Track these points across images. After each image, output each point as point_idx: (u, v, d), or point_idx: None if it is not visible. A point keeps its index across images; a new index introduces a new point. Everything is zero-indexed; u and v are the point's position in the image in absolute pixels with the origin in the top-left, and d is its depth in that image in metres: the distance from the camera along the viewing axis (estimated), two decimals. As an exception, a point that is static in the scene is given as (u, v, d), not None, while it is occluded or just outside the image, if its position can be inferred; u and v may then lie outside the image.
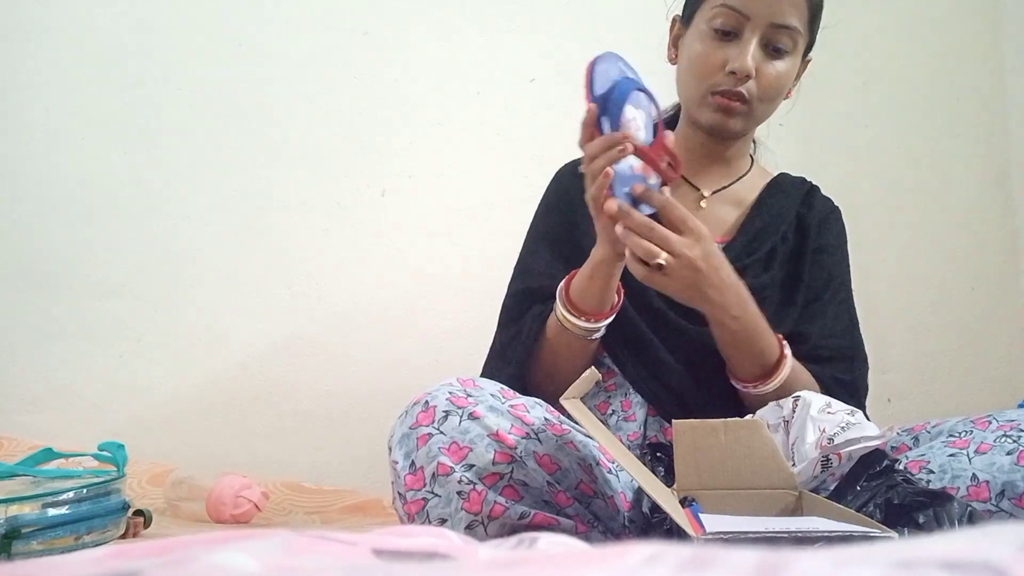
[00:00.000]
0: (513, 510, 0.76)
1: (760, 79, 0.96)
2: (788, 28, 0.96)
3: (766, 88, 0.97)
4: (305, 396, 1.62)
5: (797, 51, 0.99)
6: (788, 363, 0.93)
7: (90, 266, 1.60)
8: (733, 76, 0.96)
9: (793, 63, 1.00)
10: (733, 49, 0.96)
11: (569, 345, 0.96)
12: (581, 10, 1.72)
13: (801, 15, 0.97)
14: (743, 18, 0.95)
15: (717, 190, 1.08)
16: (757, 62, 0.96)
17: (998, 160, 1.78)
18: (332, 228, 1.66)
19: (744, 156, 1.11)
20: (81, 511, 0.91)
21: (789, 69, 0.99)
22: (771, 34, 0.96)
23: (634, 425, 1.01)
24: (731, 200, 1.08)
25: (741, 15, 0.95)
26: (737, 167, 1.10)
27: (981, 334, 1.74)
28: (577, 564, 0.31)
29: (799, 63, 1.02)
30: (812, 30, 1.02)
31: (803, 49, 1.01)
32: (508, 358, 1.01)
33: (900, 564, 0.26)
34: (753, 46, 0.95)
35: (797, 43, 0.98)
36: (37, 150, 1.61)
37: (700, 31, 0.99)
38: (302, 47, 1.68)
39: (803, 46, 1.01)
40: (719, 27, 0.96)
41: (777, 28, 0.96)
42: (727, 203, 1.08)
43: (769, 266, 1.04)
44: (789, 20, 0.96)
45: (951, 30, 1.80)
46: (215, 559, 0.32)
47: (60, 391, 1.57)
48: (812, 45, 1.05)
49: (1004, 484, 0.76)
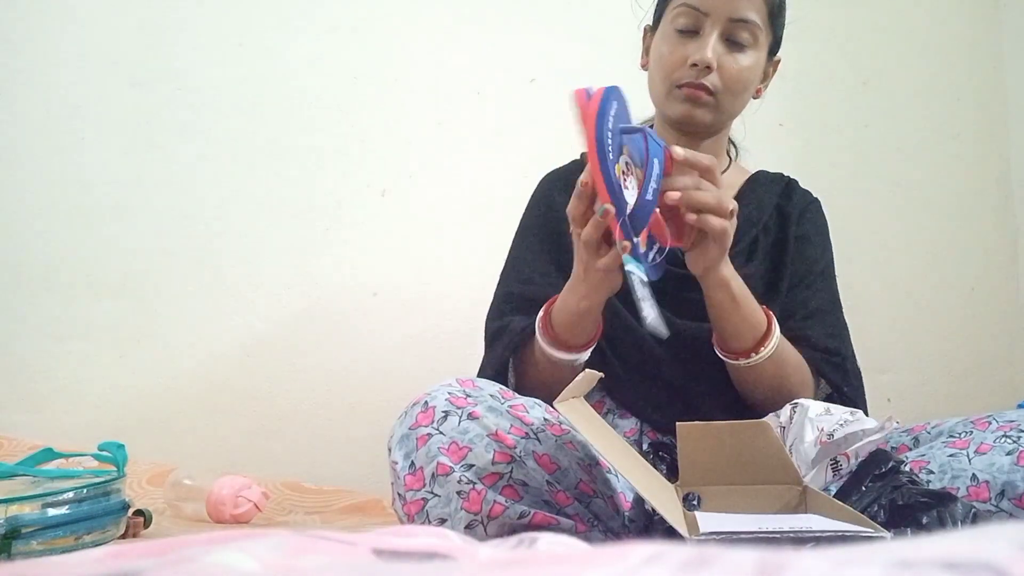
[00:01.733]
0: (513, 510, 0.76)
1: (723, 71, 1.00)
2: (747, 22, 1.00)
3: (729, 80, 1.01)
4: (305, 396, 1.62)
5: (759, 45, 1.02)
6: (777, 330, 0.95)
7: (90, 266, 1.60)
8: (695, 68, 0.99)
9: (756, 58, 1.02)
10: (694, 45, 1.00)
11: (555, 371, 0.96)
12: (581, 10, 1.73)
13: (759, 10, 1.01)
14: (702, 15, 1.00)
15: None
16: (718, 55, 0.99)
17: (998, 160, 1.78)
18: (332, 228, 1.66)
19: (721, 156, 1.13)
20: (81, 511, 0.91)
21: (752, 64, 1.02)
22: (730, 28, 1.00)
23: (630, 422, 1.02)
24: None
25: (700, 12, 1.00)
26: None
27: (981, 334, 1.74)
28: (577, 564, 0.31)
29: (763, 60, 1.05)
30: (774, 28, 1.05)
31: (766, 45, 1.04)
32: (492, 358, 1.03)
33: (900, 564, 0.26)
34: (713, 40, 0.99)
35: (758, 38, 1.02)
36: (37, 150, 1.61)
37: (664, 32, 1.04)
38: (302, 47, 1.68)
39: (765, 42, 1.04)
40: (681, 27, 1.01)
41: (735, 22, 1.00)
42: None
43: (752, 257, 1.06)
44: (746, 14, 1.00)
45: (951, 30, 1.80)
46: (215, 559, 0.32)
47: (60, 391, 1.57)
48: (778, 45, 1.08)
49: (1004, 484, 0.76)
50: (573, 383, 0.79)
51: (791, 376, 0.98)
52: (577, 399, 0.80)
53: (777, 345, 0.95)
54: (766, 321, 0.95)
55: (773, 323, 0.95)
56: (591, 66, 1.68)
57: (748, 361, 0.95)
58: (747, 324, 0.94)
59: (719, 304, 0.93)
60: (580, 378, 0.80)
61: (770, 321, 0.95)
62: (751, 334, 0.94)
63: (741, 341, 0.95)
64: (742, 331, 0.94)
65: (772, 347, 0.94)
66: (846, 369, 1.04)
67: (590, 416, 0.80)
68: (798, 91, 1.74)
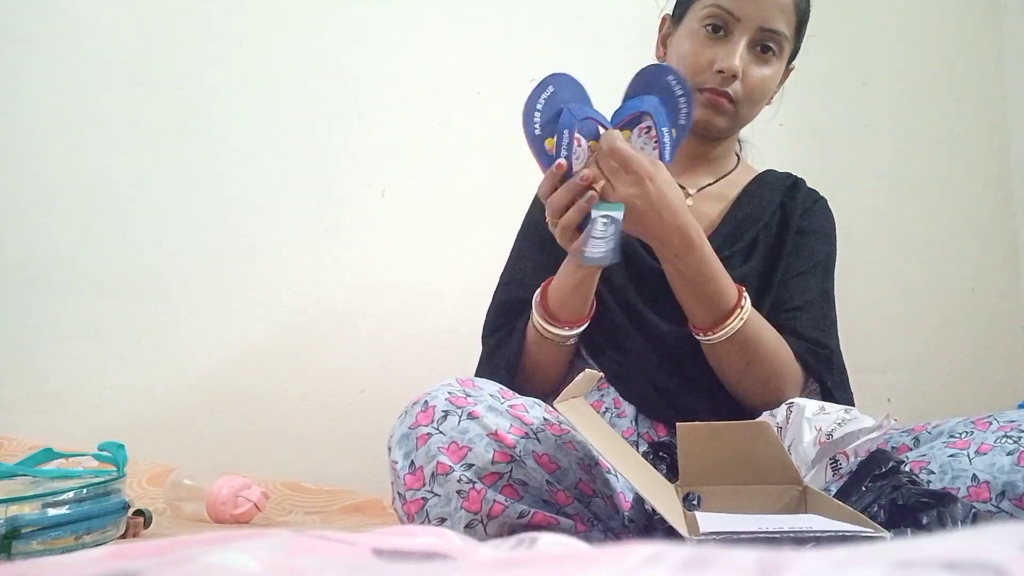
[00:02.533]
0: (512, 509, 0.76)
1: (746, 81, 0.99)
2: (776, 33, 0.99)
3: (751, 90, 1.00)
4: (305, 396, 1.62)
5: (783, 56, 1.02)
6: (743, 314, 0.93)
7: (90, 266, 1.60)
8: (720, 75, 0.98)
9: (778, 68, 1.02)
10: (722, 49, 0.98)
11: (548, 351, 0.99)
12: (581, 10, 1.73)
13: (789, 21, 1.00)
14: (734, 19, 0.98)
15: (702, 188, 1.10)
16: (744, 64, 0.98)
17: (998, 160, 1.78)
18: (332, 228, 1.66)
19: (729, 155, 1.13)
20: (81, 511, 0.91)
21: (774, 74, 1.02)
22: (760, 37, 0.99)
23: (626, 421, 1.02)
24: (716, 196, 1.10)
25: (732, 16, 0.98)
26: (722, 166, 1.12)
27: (981, 334, 1.74)
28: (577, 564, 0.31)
29: (783, 69, 1.04)
30: (797, 38, 1.04)
31: (788, 55, 1.04)
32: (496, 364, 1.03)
33: (900, 564, 0.26)
34: (742, 47, 0.98)
35: (783, 48, 1.01)
36: (37, 150, 1.61)
37: (691, 29, 1.01)
38: (302, 47, 1.68)
39: (788, 52, 1.03)
40: (710, 26, 0.99)
41: (766, 32, 0.98)
42: (712, 199, 1.10)
43: (751, 256, 1.05)
44: (778, 25, 0.98)
45: (951, 30, 1.80)
46: (215, 559, 0.32)
47: (60, 391, 1.57)
48: (796, 53, 1.07)
49: (1004, 484, 0.76)
50: (573, 383, 0.79)
51: (765, 362, 0.95)
52: (577, 399, 0.80)
53: (743, 324, 0.93)
54: (736, 299, 0.94)
55: (742, 301, 0.94)
56: (591, 66, 1.68)
57: (710, 338, 0.94)
58: (706, 298, 0.93)
59: (671, 275, 0.94)
60: (580, 378, 0.80)
61: (738, 303, 0.94)
62: (712, 310, 0.93)
63: (700, 315, 0.94)
64: (701, 305, 0.93)
65: (735, 325, 0.93)
66: (831, 362, 1.02)
67: (590, 416, 0.80)
68: (798, 91, 1.74)
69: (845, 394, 1.03)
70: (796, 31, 1.02)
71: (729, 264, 0.98)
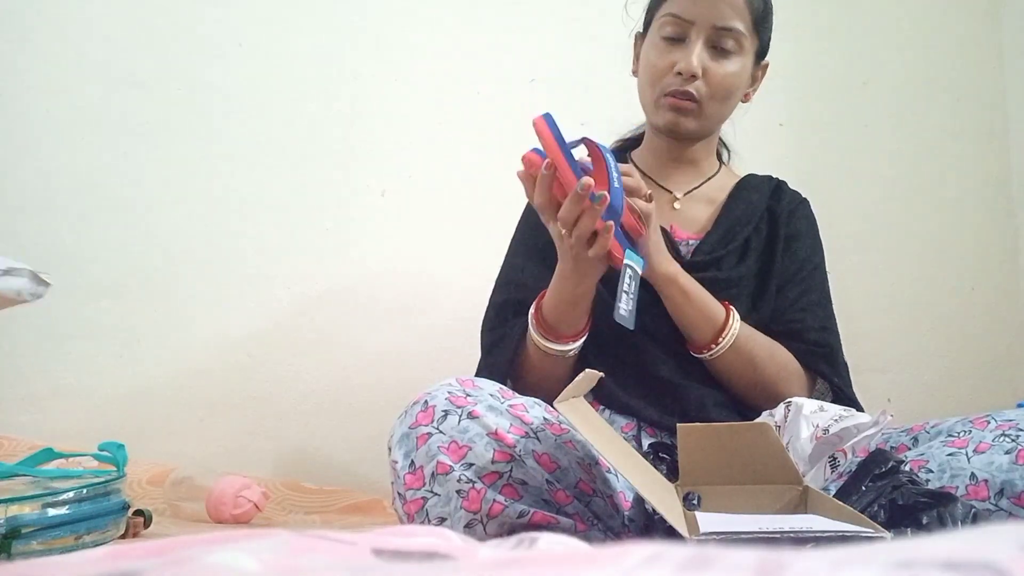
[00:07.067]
0: (512, 509, 0.76)
1: (708, 78, 1.03)
2: (731, 30, 1.03)
3: (715, 87, 1.04)
4: (305, 396, 1.62)
5: (744, 52, 1.05)
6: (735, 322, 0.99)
7: (90, 266, 1.60)
8: (680, 76, 1.03)
9: (742, 64, 1.05)
10: (680, 53, 1.04)
11: (553, 366, 1.01)
12: (581, 10, 1.72)
13: (743, 18, 1.04)
14: (688, 24, 1.03)
15: (689, 191, 1.13)
16: (704, 62, 1.03)
17: (998, 160, 1.78)
18: (332, 228, 1.66)
19: (710, 158, 1.17)
20: (81, 511, 0.91)
21: (737, 70, 1.05)
22: (715, 36, 1.03)
23: (627, 420, 1.02)
24: (703, 199, 1.14)
25: (685, 21, 1.03)
26: (705, 168, 1.16)
27: (981, 334, 1.74)
28: (577, 564, 0.31)
29: (750, 65, 1.08)
30: (760, 34, 1.07)
31: (752, 51, 1.07)
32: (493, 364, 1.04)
33: (900, 564, 0.26)
34: (698, 48, 1.02)
35: (743, 45, 1.05)
36: (37, 150, 1.61)
37: (652, 41, 1.07)
38: (302, 47, 1.68)
39: (751, 48, 1.06)
40: (667, 35, 1.05)
41: (720, 30, 1.03)
42: (699, 202, 1.14)
43: (744, 257, 1.09)
44: (731, 22, 1.03)
45: (951, 30, 1.80)
46: (215, 559, 0.32)
47: (60, 391, 1.57)
48: (766, 50, 1.11)
49: (1003, 483, 0.76)
50: (573, 383, 0.79)
51: (764, 367, 1.00)
52: (577, 399, 0.80)
53: (737, 336, 0.98)
54: (724, 313, 0.99)
55: (731, 314, 0.99)
56: (590, 66, 1.68)
57: (710, 353, 0.99)
58: (702, 316, 0.98)
59: (671, 299, 0.98)
60: (580, 378, 0.80)
61: (728, 313, 0.99)
62: (708, 326, 0.99)
63: (699, 334, 0.99)
64: (698, 324, 0.99)
65: (731, 337, 0.98)
66: (836, 361, 1.07)
67: (590, 415, 0.80)
68: (798, 91, 1.74)
69: (849, 390, 1.06)
70: (756, 27, 1.05)
71: (723, 265, 1.04)
